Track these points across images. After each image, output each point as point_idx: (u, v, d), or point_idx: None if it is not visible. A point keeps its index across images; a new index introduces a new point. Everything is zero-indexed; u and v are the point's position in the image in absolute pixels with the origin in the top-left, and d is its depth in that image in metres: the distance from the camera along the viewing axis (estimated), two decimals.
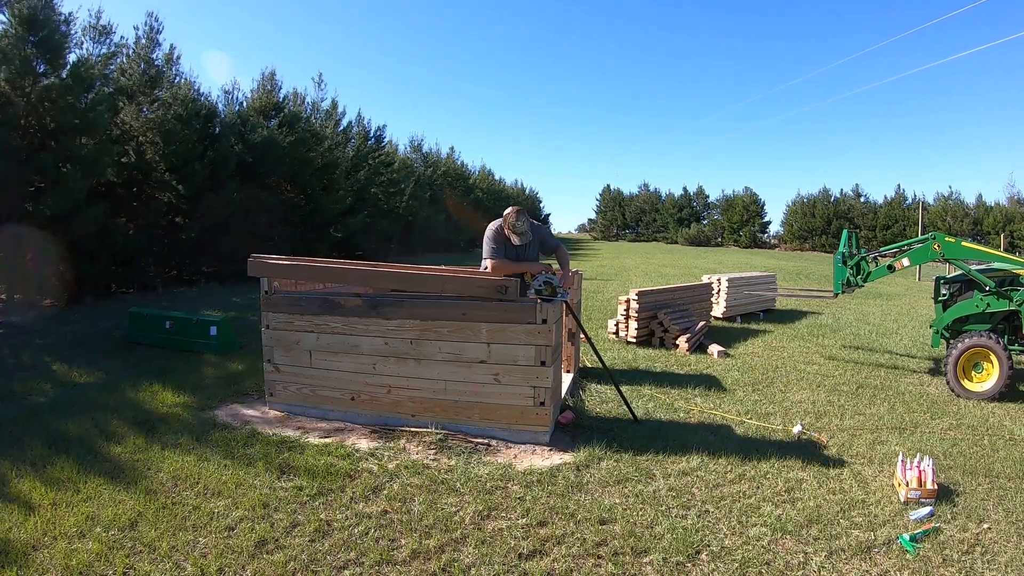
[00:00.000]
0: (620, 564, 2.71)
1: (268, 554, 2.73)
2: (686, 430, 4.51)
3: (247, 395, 5.20)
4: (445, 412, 4.27)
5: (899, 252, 6.60)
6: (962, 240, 6.11)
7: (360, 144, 21.41)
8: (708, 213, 50.31)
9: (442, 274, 4.45)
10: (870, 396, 5.68)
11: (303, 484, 3.40)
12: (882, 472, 3.80)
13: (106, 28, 11.29)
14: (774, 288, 11.33)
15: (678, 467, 3.78)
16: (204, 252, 13.39)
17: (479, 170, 40.93)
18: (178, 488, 3.36)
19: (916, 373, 6.72)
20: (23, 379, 5.54)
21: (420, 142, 30.86)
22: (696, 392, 5.59)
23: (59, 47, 9.48)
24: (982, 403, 5.46)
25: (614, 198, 55.95)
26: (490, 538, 2.90)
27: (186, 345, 6.86)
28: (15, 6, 8.89)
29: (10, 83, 8.91)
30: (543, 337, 4.00)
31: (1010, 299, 5.81)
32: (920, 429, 4.73)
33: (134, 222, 11.70)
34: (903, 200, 39.09)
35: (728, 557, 2.79)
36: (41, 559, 2.66)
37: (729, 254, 35.21)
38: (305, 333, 4.54)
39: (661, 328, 7.80)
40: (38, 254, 9.34)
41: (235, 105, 15.70)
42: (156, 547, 2.76)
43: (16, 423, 4.35)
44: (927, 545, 2.93)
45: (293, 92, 18.65)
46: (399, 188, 23.49)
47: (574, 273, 5.86)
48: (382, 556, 2.73)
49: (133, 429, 4.25)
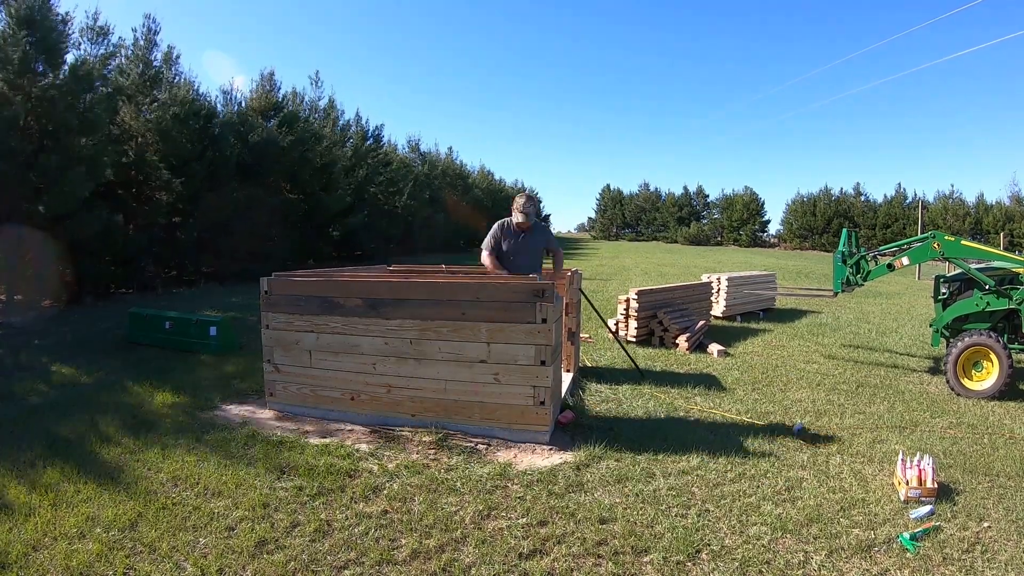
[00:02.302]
0: (620, 563, 2.71)
1: (268, 554, 2.73)
2: (686, 429, 4.51)
3: (247, 395, 5.20)
4: (445, 412, 4.26)
5: (899, 251, 6.59)
6: (962, 239, 6.11)
7: (358, 143, 21.41)
8: (708, 212, 50.39)
9: (475, 281, 4.39)
10: (870, 395, 5.68)
11: (303, 484, 3.40)
12: (882, 471, 3.80)
13: (103, 29, 11.28)
14: (774, 287, 11.34)
15: (678, 466, 3.78)
16: (204, 252, 13.39)
17: (478, 170, 40.97)
18: (178, 488, 3.35)
19: (916, 372, 6.72)
20: (23, 379, 5.54)
21: (418, 142, 30.92)
22: (696, 391, 5.59)
23: (57, 47, 9.46)
24: (982, 402, 5.46)
25: (614, 197, 55.98)
26: (490, 538, 2.90)
27: (186, 345, 6.85)
28: (12, 6, 8.88)
29: (8, 84, 8.90)
30: (543, 336, 4.00)
31: (1010, 298, 5.81)
32: (920, 428, 4.73)
33: (134, 222, 11.70)
34: (903, 199, 39.15)
35: (728, 556, 2.79)
36: (41, 560, 2.66)
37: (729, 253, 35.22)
38: (305, 333, 4.54)
39: (661, 327, 7.80)
40: (38, 254, 9.33)
41: (234, 105, 15.71)
42: (156, 547, 2.76)
43: (16, 423, 4.35)
44: (927, 544, 2.93)
45: (292, 92, 18.68)
46: (398, 188, 23.48)
47: (573, 272, 5.88)
48: (382, 556, 2.73)
49: (133, 429, 4.25)
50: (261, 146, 14.55)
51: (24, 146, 9.03)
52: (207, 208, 12.85)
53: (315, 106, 19.78)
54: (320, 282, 4.59)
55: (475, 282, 4.29)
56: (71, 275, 10.08)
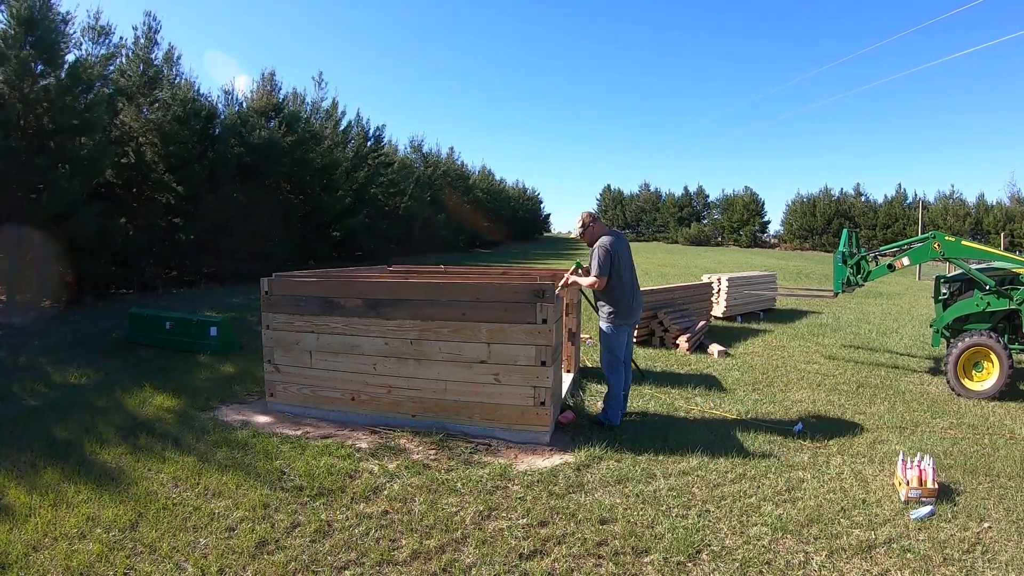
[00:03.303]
0: (621, 564, 2.71)
1: (269, 554, 2.73)
2: (686, 430, 4.51)
3: (247, 395, 5.20)
4: (445, 412, 4.26)
5: (899, 251, 6.59)
6: (962, 239, 6.11)
7: (360, 144, 21.40)
8: (708, 213, 50.35)
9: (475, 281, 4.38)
10: (870, 395, 5.67)
11: (304, 484, 3.40)
12: (883, 471, 3.80)
13: (105, 28, 11.30)
14: (774, 287, 11.34)
15: (678, 467, 3.78)
16: (204, 252, 13.40)
17: (479, 170, 40.97)
18: (179, 489, 3.35)
19: (916, 372, 6.71)
20: (22, 380, 5.54)
21: (420, 142, 30.86)
22: (696, 392, 5.59)
23: (57, 47, 9.48)
24: (982, 402, 5.45)
25: (614, 198, 56.00)
26: (490, 538, 2.90)
27: (186, 346, 6.85)
28: (12, 6, 8.88)
29: (8, 84, 8.91)
30: (543, 337, 4.00)
31: (1010, 298, 5.81)
32: (920, 428, 4.73)
33: (134, 223, 11.70)
34: (904, 199, 39.10)
35: (729, 557, 2.79)
36: (42, 560, 2.66)
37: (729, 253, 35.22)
38: (305, 333, 4.54)
39: (661, 328, 7.80)
40: (38, 255, 9.33)
41: (235, 105, 15.71)
42: (157, 548, 2.76)
43: (16, 424, 4.35)
44: (928, 544, 2.93)
45: (293, 92, 18.68)
46: (399, 188, 23.48)
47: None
48: (383, 556, 2.73)
49: (133, 430, 4.25)
50: (262, 147, 14.56)
51: (23, 146, 9.04)
52: (207, 209, 12.86)
53: (318, 107, 19.79)
54: (320, 282, 4.59)
55: (475, 283, 4.29)
56: (71, 275, 10.09)
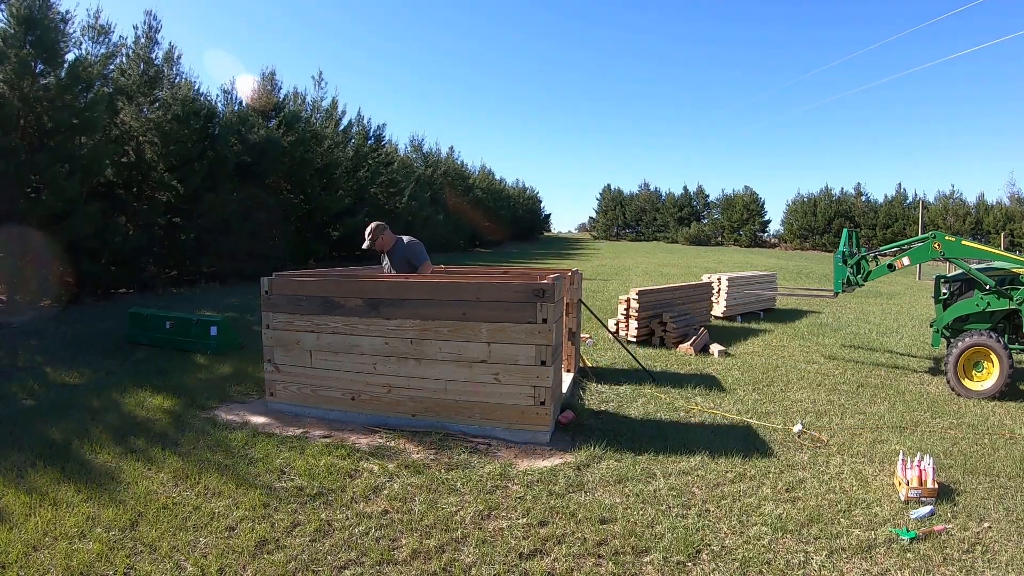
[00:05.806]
0: (621, 564, 2.71)
1: (269, 554, 2.73)
2: (686, 429, 4.51)
3: (247, 395, 5.20)
4: (445, 412, 4.27)
5: (899, 251, 6.59)
6: (962, 239, 6.11)
7: (360, 144, 21.38)
8: (708, 212, 50.31)
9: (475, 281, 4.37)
10: (870, 395, 5.68)
11: (304, 484, 3.40)
12: (882, 471, 3.80)
13: (105, 28, 11.28)
14: (774, 287, 11.34)
15: (678, 466, 3.78)
16: (204, 252, 13.38)
17: (479, 170, 40.93)
18: (179, 488, 3.35)
19: (916, 372, 6.71)
20: (22, 379, 5.54)
21: (420, 142, 30.87)
22: (696, 391, 5.59)
23: (57, 46, 9.46)
24: (982, 402, 5.46)
25: (614, 197, 55.94)
26: (490, 538, 2.90)
27: (186, 345, 6.85)
28: (12, 5, 8.87)
29: (7, 83, 8.89)
30: (543, 337, 4.00)
31: (1010, 298, 5.81)
32: (920, 428, 4.73)
33: (133, 222, 11.70)
34: (904, 199, 39.10)
35: (729, 556, 2.79)
36: (42, 559, 2.66)
37: (729, 253, 35.23)
38: (305, 333, 4.54)
39: (662, 328, 7.80)
40: (38, 254, 9.33)
41: (234, 105, 15.69)
42: (157, 547, 2.76)
43: (15, 423, 4.35)
44: (928, 544, 2.93)
45: (293, 92, 18.66)
46: (399, 188, 23.46)
47: (574, 273, 5.87)
48: (383, 556, 2.73)
49: (133, 429, 4.25)
50: (261, 146, 14.55)
51: (23, 145, 9.03)
52: (207, 208, 12.85)
53: (317, 106, 19.77)
54: (320, 282, 4.59)
55: (475, 282, 4.28)
56: (71, 275, 10.08)
